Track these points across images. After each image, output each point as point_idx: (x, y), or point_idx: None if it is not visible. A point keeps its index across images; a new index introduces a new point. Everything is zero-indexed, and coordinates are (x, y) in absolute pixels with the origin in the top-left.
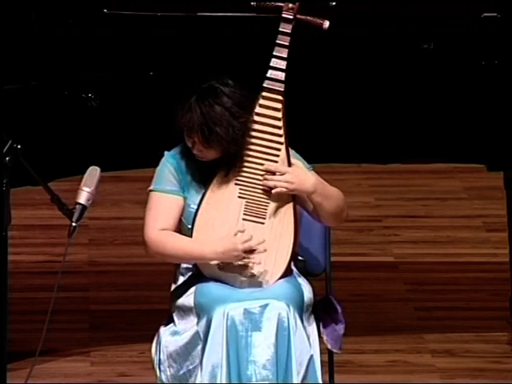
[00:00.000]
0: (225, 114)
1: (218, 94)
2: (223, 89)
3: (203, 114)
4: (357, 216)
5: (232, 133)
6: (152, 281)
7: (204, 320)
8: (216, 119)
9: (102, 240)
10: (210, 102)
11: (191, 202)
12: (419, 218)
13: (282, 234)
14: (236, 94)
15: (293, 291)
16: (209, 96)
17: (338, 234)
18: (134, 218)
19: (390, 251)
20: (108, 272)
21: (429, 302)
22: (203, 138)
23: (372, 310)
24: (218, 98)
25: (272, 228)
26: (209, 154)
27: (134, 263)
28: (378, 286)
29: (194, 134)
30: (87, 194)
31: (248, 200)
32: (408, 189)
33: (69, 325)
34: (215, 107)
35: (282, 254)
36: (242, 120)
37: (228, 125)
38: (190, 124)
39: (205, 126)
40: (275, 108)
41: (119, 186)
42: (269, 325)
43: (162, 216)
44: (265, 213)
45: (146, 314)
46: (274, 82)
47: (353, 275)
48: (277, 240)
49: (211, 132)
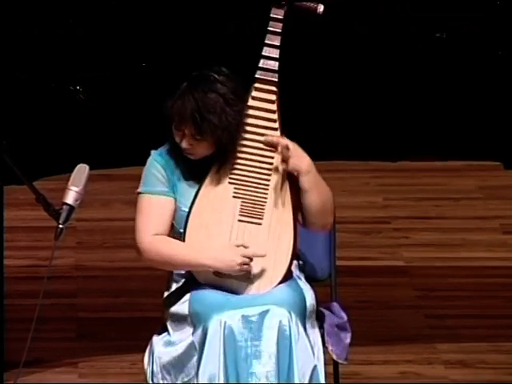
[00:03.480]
0: (219, 100)
1: (211, 81)
2: (217, 76)
3: (196, 100)
4: (364, 217)
5: (225, 120)
6: (144, 286)
7: (199, 329)
8: (209, 106)
9: (91, 243)
10: (204, 89)
11: (182, 204)
12: (431, 220)
13: (281, 235)
14: (230, 81)
15: (294, 296)
16: (202, 83)
17: (343, 237)
18: (125, 219)
19: (399, 255)
20: (97, 277)
21: (441, 309)
22: (195, 127)
23: (380, 317)
24: (211, 85)
25: (270, 229)
26: (199, 149)
27: (125, 268)
28: (386, 292)
29: (184, 123)
30: (75, 194)
31: (244, 200)
32: (419, 188)
33: (55, 334)
34: (209, 94)
35: (282, 257)
36: (237, 108)
37: (222, 111)
38: (181, 112)
39: (197, 113)
40: (269, 100)
41: (109, 185)
42: (269, 333)
43: (154, 220)
44: (262, 213)
45: (138, 323)
46: (267, 72)
47: (359, 281)
48: (275, 241)
49: (203, 120)
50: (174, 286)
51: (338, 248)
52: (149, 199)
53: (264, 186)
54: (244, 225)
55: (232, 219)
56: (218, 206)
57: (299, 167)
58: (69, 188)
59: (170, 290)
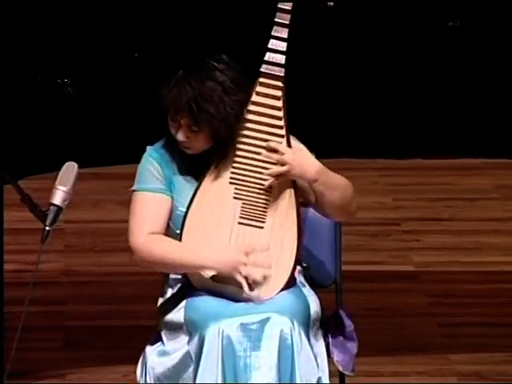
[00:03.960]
0: (217, 88)
1: (209, 68)
2: (216, 64)
3: (192, 88)
4: (372, 219)
5: (223, 111)
6: (137, 293)
7: (196, 338)
8: (207, 95)
9: (80, 246)
10: (201, 77)
11: (179, 203)
12: (443, 221)
13: (284, 240)
14: (230, 69)
15: (297, 304)
16: (199, 70)
17: (350, 240)
18: (117, 220)
19: (409, 259)
20: (87, 283)
21: (455, 317)
22: (191, 117)
23: (389, 326)
24: (209, 72)
25: (272, 233)
26: (196, 142)
27: (117, 273)
28: (396, 298)
29: (180, 113)
30: (63, 194)
31: (245, 201)
32: (431, 188)
33: (42, 343)
34: (206, 82)
35: (285, 262)
36: (236, 98)
37: (219, 101)
38: (176, 101)
39: (193, 102)
40: (274, 96)
41: (99, 185)
42: (270, 343)
43: (149, 218)
44: (264, 215)
45: (131, 331)
46: (273, 67)
47: (367, 287)
48: (278, 246)
49: (200, 109)
50: (170, 292)
51: (344, 251)
52: (143, 197)
53: (267, 187)
54: (244, 228)
55: (232, 221)
56: (217, 207)
57: (304, 175)
58: (56, 187)
59: (165, 297)
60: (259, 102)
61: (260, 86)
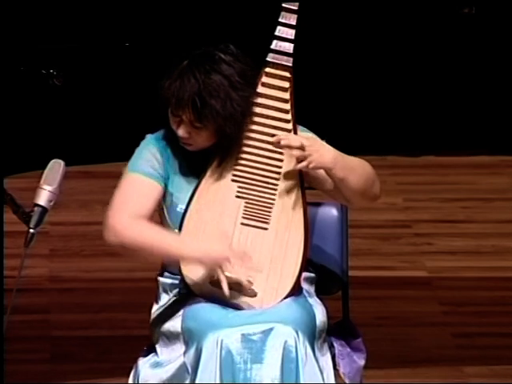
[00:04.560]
0: (223, 83)
1: (216, 60)
2: (223, 56)
3: (197, 81)
4: (381, 221)
5: (230, 107)
6: (129, 301)
7: (193, 349)
8: (212, 89)
9: (67, 250)
10: (206, 69)
11: (179, 200)
12: (458, 224)
13: (290, 242)
14: (239, 62)
15: (302, 313)
16: (205, 62)
17: (357, 243)
18: None
19: (421, 264)
20: (74, 290)
21: (470, 326)
22: (194, 113)
23: (400, 336)
24: (216, 65)
25: (277, 235)
26: (199, 139)
27: (107, 279)
28: (406, 307)
29: (182, 108)
30: (48, 194)
31: (248, 200)
32: (444, 187)
33: (26, 355)
34: (212, 75)
35: (290, 267)
36: (244, 94)
37: (226, 96)
38: (179, 94)
39: (198, 96)
40: (281, 87)
41: (88, 184)
42: (273, 355)
43: (134, 200)
44: (268, 216)
45: (122, 342)
46: (280, 56)
47: (376, 294)
48: (283, 249)
49: (205, 105)
50: (165, 299)
51: (352, 256)
52: (134, 178)
53: (272, 185)
54: (247, 229)
55: (234, 222)
56: (218, 206)
57: (322, 164)
58: (41, 187)
59: (159, 304)
60: (265, 93)
61: (266, 77)
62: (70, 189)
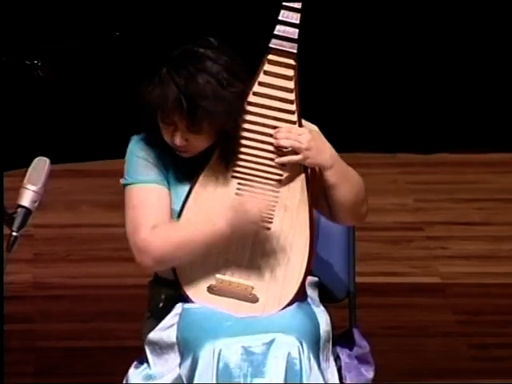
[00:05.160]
0: (210, 82)
1: (198, 58)
2: (205, 52)
3: (179, 88)
4: (390, 223)
5: (222, 106)
6: (120, 309)
7: (188, 360)
8: (199, 91)
9: (53, 255)
10: (189, 72)
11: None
12: (473, 226)
13: (294, 244)
14: (223, 56)
15: (306, 322)
16: (187, 63)
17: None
18: (95, 224)
19: (434, 270)
20: (61, 297)
21: (487, 337)
22: (189, 118)
23: (411, 347)
24: (199, 64)
25: (281, 236)
26: (197, 144)
27: (95, 285)
28: (418, 315)
29: (173, 114)
30: (32, 194)
31: None
32: (459, 187)
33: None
34: (197, 75)
35: (294, 272)
36: (235, 90)
37: (215, 97)
38: (162, 102)
39: (186, 100)
40: (285, 76)
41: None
42: (275, 367)
43: (152, 212)
44: (271, 216)
45: (113, 354)
46: (284, 42)
47: (385, 301)
48: (286, 252)
49: (196, 107)
50: (158, 307)
51: (359, 261)
52: (140, 190)
53: (275, 182)
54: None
55: None
56: (216, 206)
57: (319, 162)
58: (25, 187)
59: (152, 312)
60: (267, 82)
61: (269, 64)
62: (56, 188)
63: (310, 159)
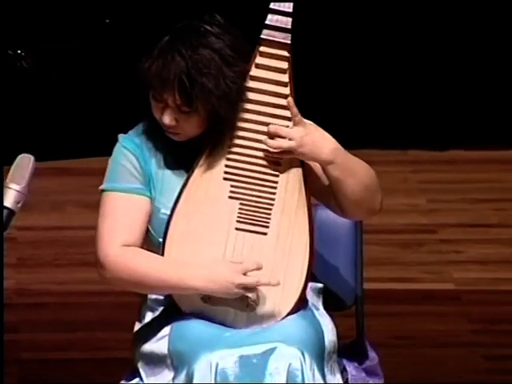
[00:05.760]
0: (214, 57)
1: (202, 33)
2: (209, 28)
3: (183, 58)
4: (401, 225)
5: (224, 85)
6: (108, 317)
7: (183, 374)
8: (202, 65)
9: (37, 259)
10: (193, 43)
11: (162, 205)
12: (490, 228)
13: (293, 249)
14: (228, 34)
15: (309, 331)
16: (190, 36)
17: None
18: (83, 227)
19: (448, 275)
20: (45, 305)
21: (504, 348)
22: (182, 95)
23: (423, 358)
24: (202, 38)
25: (278, 240)
26: (187, 126)
27: (83, 292)
28: (431, 324)
29: (167, 90)
30: (15, 194)
31: (243, 201)
32: (474, 186)
33: None
34: (200, 50)
35: (293, 278)
36: (238, 69)
37: (218, 73)
38: (163, 74)
39: (186, 75)
40: (279, 69)
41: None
42: (275, 380)
43: (124, 225)
44: (267, 219)
45: (101, 366)
46: (277, 32)
47: (395, 309)
48: (285, 258)
49: (194, 84)
50: (149, 317)
51: (367, 266)
52: (116, 199)
53: (271, 182)
54: (243, 234)
55: (227, 227)
56: (208, 209)
57: (317, 157)
58: (7, 186)
59: (143, 322)
60: (260, 76)
61: (261, 57)
62: (41, 188)
63: (307, 155)
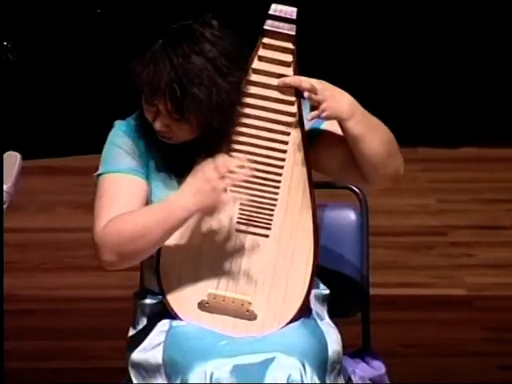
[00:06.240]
0: (207, 67)
1: (196, 38)
2: (204, 32)
3: (174, 67)
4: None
5: (217, 96)
6: (100, 324)
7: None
8: (194, 75)
9: (25, 263)
10: (185, 51)
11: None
12: (504, 230)
13: (296, 252)
14: (223, 40)
15: (311, 341)
16: (183, 41)
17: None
18: (73, 229)
19: (459, 280)
20: (34, 312)
21: None
22: (172, 102)
23: (433, 367)
24: (196, 45)
25: (280, 243)
26: (179, 132)
27: (74, 298)
28: (441, 332)
29: (158, 97)
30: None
31: (243, 202)
32: (486, 185)
33: None
34: (192, 58)
35: (296, 283)
36: (232, 79)
37: (211, 84)
38: (153, 81)
39: (176, 83)
40: (283, 62)
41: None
42: None
43: (119, 202)
44: (269, 220)
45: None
46: (281, 23)
47: (403, 316)
48: (288, 261)
49: (185, 94)
50: (143, 323)
51: (374, 270)
52: (113, 179)
53: (273, 182)
54: (244, 236)
55: (227, 229)
56: None
57: (338, 113)
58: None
59: (136, 329)
60: (263, 69)
61: (264, 49)
62: (29, 188)
63: (328, 111)
